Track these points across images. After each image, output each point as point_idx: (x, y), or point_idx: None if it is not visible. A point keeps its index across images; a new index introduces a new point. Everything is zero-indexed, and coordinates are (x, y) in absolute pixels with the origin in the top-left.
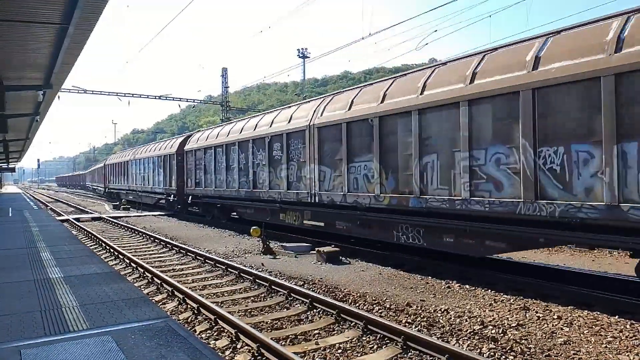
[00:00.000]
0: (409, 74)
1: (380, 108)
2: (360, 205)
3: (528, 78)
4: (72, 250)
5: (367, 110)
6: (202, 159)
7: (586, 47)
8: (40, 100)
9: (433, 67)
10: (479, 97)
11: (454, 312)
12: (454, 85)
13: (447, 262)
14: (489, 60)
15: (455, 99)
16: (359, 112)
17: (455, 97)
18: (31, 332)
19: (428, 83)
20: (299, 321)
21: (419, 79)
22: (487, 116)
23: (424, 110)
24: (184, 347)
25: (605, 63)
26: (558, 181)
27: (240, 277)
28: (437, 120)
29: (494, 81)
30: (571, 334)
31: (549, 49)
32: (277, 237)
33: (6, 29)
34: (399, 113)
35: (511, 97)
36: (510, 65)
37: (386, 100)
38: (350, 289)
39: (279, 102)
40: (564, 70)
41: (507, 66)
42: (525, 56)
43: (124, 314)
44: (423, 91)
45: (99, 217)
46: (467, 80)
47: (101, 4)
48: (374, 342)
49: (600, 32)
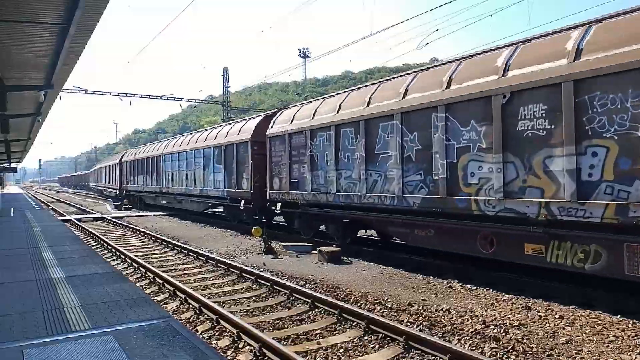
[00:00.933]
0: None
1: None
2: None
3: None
4: (74, 251)
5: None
6: (308, 147)
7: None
8: (42, 100)
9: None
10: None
11: (455, 312)
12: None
13: (448, 262)
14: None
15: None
16: None
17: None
18: (33, 332)
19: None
20: (300, 321)
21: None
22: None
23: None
24: (186, 346)
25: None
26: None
27: (241, 277)
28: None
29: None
30: (573, 334)
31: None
32: (278, 237)
33: (7, 29)
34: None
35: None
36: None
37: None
38: (352, 288)
39: (280, 101)
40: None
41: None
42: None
43: (126, 314)
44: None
45: (101, 217)
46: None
47: (102, 4)
48: (376, 342)
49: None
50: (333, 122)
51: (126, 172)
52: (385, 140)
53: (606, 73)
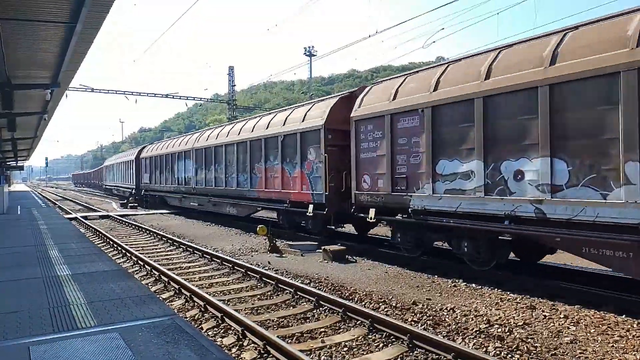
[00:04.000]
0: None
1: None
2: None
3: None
4: (80, 248)
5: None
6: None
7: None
8: (48, 99)
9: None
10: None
11: (460, 311)
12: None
13: (453, 261)
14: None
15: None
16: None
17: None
18: (39, 329)
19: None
20: (305, 319)
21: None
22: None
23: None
24: (191, 344)
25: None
26: None
27: (246, 275)
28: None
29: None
30: (577, 333)
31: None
32: (283, 236)
33: (13, 28)
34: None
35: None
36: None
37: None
38: (357, 287)
39: (285, 100)
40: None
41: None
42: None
43: (132, 311)
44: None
45: (107, 215)
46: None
47: (109, 2)
48: (380, 341)
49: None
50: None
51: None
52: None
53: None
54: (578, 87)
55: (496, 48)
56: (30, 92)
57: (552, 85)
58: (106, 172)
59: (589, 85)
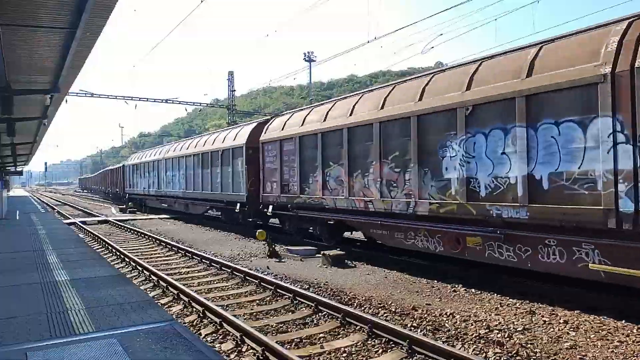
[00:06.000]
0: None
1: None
2: None
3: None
4: (79, 253)
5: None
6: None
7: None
8: (48, 104)
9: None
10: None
11: (459, 316)
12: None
13: (452, 266)
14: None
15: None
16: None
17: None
18: (37, 335)
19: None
20: (304, 325)
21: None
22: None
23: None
24: (189, 350)
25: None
26: None
27: (245, 281)
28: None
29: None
30: (577, 338)
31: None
32: (282, 241)
33: (13, 33)
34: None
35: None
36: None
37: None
38: (356, 292)
39: (285, 105)
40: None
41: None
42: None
43: (130, 316)
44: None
45: (105, 220)
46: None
47: (109, 8)
48: (379, 346)
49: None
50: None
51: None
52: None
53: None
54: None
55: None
56: (30, 97)
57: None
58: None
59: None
